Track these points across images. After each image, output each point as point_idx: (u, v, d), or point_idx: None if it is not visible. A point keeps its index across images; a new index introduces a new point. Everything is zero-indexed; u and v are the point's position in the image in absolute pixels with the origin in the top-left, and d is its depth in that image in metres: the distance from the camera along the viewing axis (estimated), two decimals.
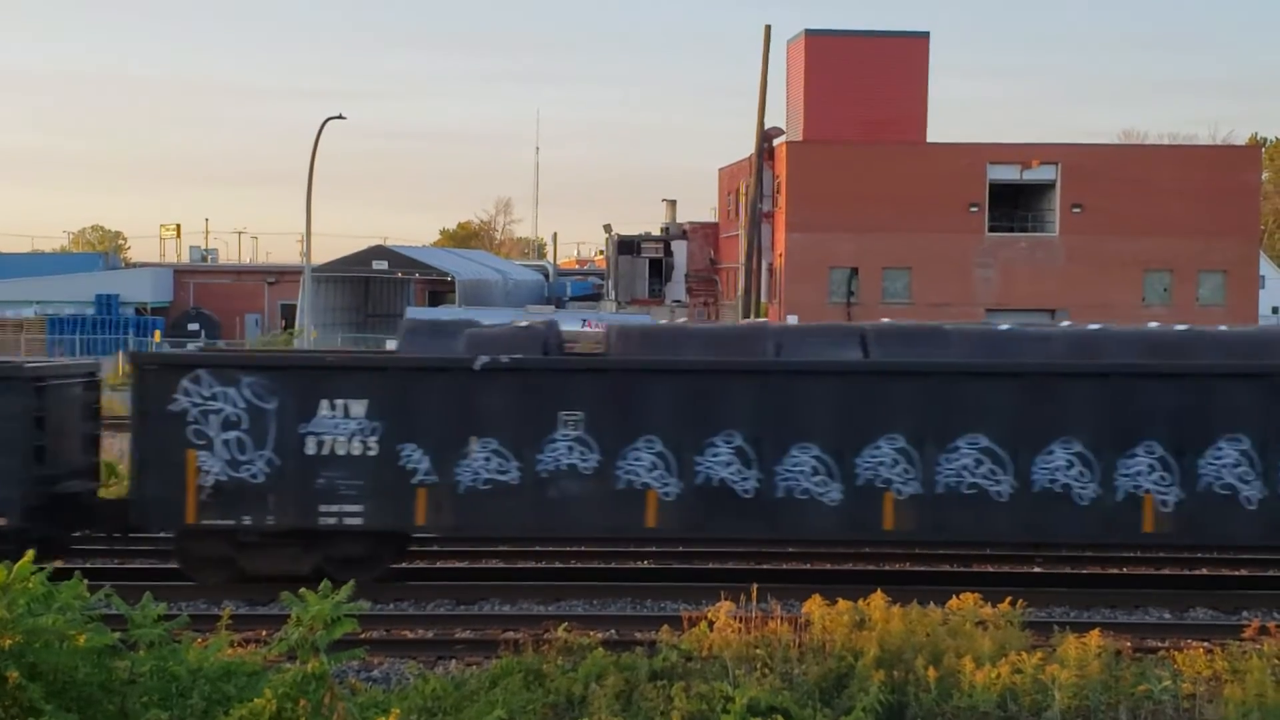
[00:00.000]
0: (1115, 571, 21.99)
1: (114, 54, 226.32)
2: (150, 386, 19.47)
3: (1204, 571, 22.03)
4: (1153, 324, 26.29)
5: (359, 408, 19.21)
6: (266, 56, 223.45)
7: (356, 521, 19.35)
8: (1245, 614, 18.62)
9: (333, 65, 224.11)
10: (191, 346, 63.34)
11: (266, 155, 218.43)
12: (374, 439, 19.23)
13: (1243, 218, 62.16)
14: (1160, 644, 16.72)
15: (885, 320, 24.75)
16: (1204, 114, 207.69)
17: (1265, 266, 79.96)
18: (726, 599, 14.67)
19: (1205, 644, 15.82)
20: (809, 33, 65.12)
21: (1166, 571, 22.00)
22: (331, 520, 19.33)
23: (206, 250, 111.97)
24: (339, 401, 19.23)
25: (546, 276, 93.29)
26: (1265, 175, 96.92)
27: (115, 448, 26.96)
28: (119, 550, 22.39)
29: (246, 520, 19.34)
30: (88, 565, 20.61)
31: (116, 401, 30.69)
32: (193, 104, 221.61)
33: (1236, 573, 21.96)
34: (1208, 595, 20.13)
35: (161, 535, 20.85)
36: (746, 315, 41.75)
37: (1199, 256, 61.26)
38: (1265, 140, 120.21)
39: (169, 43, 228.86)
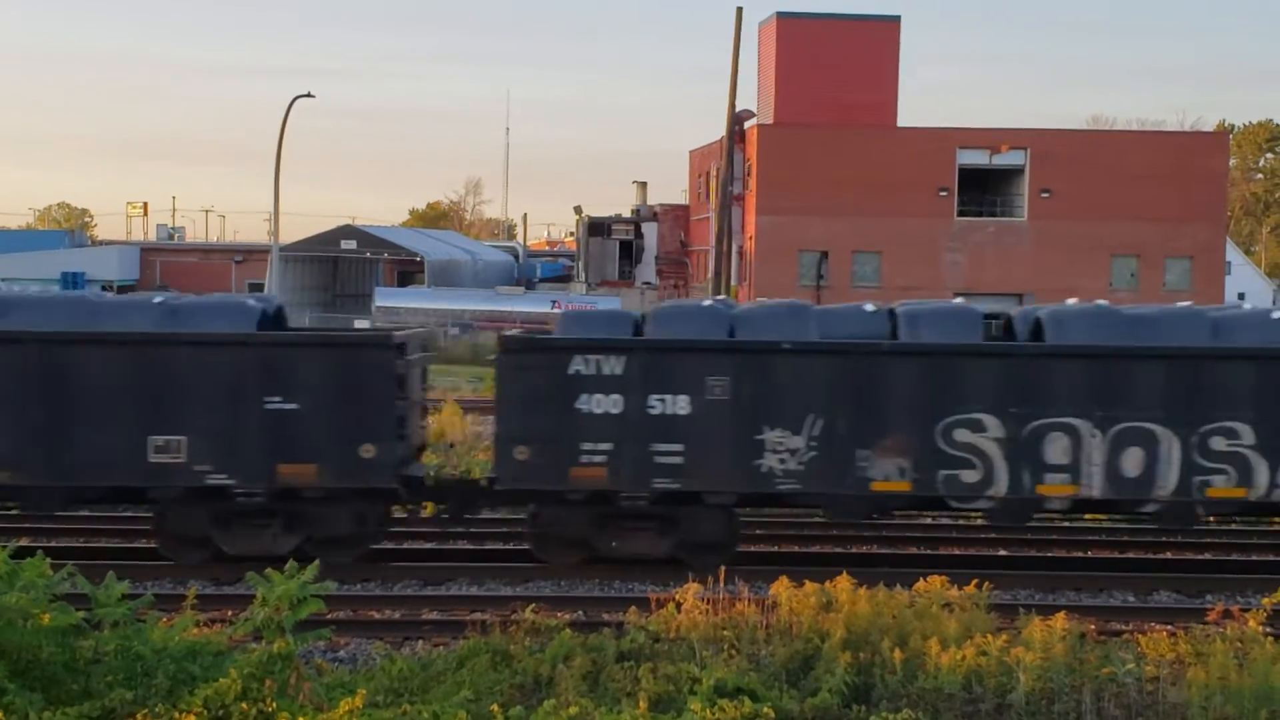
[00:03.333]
0: (1080, 555, 22.11)
1: (82, 31, 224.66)
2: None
3: (1168, 555, 22.17)
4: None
5: None
6: (235, 34, 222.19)
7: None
8: (1209, 597, 18.74)
9: (302, 44, 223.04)
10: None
11: (235, 133, 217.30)
12: None
13: (1210, 204, 62.47)
14: (1124, 627, 16.81)
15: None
16: (1173, 100, 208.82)
17: (1232, 252, 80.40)
18: (694, 581, 14.69)
19: (1169, 627, 15.92)
20: (780, 15, 65.08)
21: (1131, 555, 22.12)
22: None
23: (173, 228, 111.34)
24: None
25: (516, 258, 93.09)
26: (1232, 162, 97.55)
27: None
28: (83, 529, 22.29)
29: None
30: (52, 544, 20.49)
31: None
32: (160, 82, 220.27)
33: (1200, 556, 22.11)
34: (1172, 579, 20.27)
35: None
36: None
37: (1166, 242, 61.56)
38: (1233, 127, 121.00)
39: (137, 19, 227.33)
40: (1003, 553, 21.99)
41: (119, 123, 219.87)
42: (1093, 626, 15.63)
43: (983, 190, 64.20)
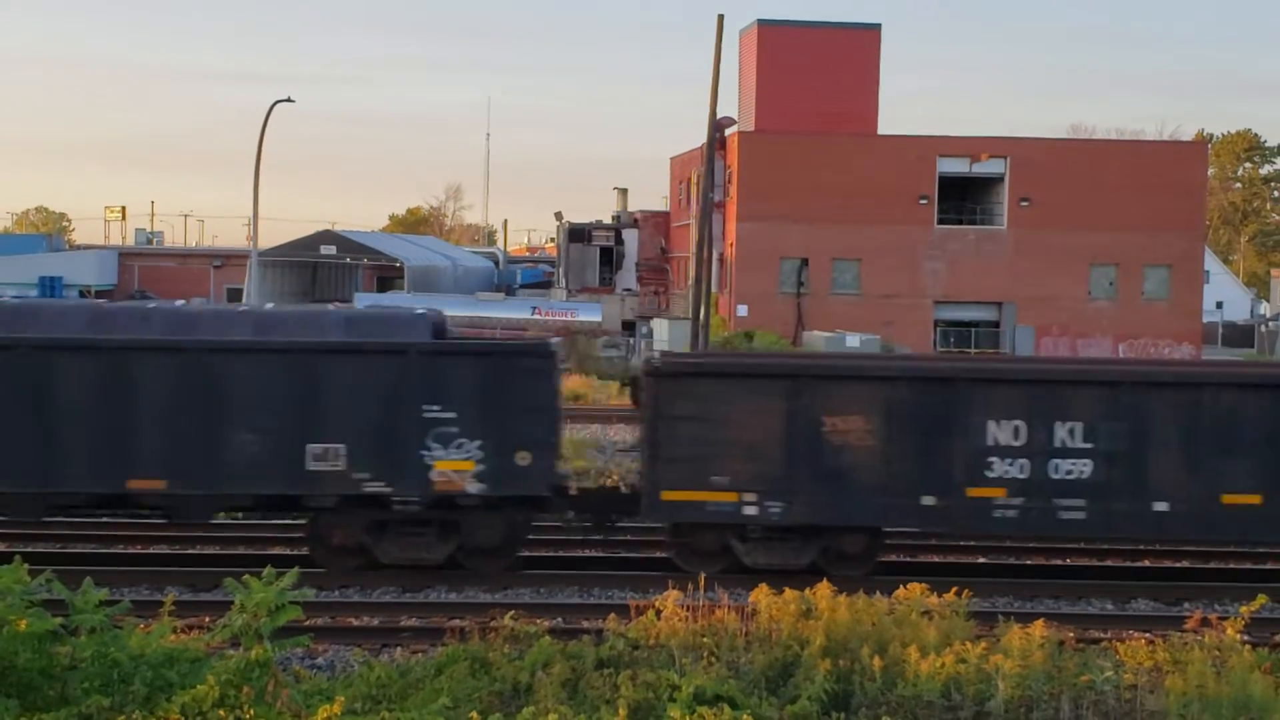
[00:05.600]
0: (1059, 563, 22.15)
1: (60, 35, 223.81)
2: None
3: (1146, 563, 22.23)
4: None
5: None
6: (215, 40, 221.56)
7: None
8: (1187, 605, 18.78)
9: (282, 49, 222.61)
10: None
11: (214, 139, 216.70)
12: None
13: (1189, 213, 62.68)
14: (1103, 635, 16.86)
15: None
16: (1152, 110, 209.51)
17: (1210, 261, 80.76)
18: (674, 588, 14.68)
19: (1147, 635, 15.96)
20: (761, 23, 65.19)
21: (1109, 563, 22.18)
22: None
23: (152, 233, 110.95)
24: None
25: (496, 263, 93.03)
26: (1211, 171, 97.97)
27: None
28: (61, 535, 22.18)
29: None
30: (28, 550, 20.38)
31: None
32: (139, 86, 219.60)
33: (1178, 564, 22.17)
34: (1150, 587, 20.33)
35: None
36: (698, 305, 41.76)
37: (1145, 251, 61.75)
38: (1211, 136, 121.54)
39: (116, 24, 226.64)
40: (982, 560, 22.03)
41: (97, 127, 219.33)
42: (1071, 634, 15.64)
43: (962, 198, 64.35)
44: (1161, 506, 19.20)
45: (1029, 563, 22.00)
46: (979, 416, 19.22)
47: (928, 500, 19.26)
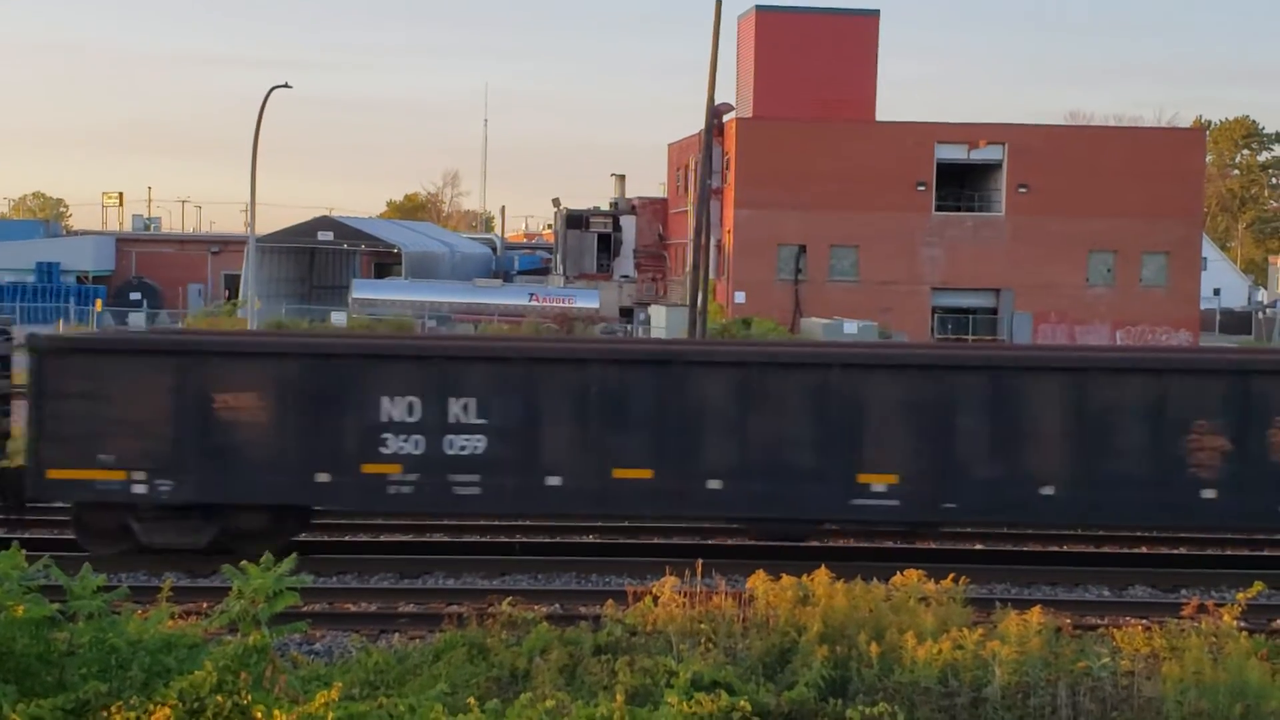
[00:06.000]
0: (1056, 549, 22.18)
1: (57, 21, 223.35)
2: None
3: (1143, 550, 22.25)
4: None
5: None
6: (213, 25, 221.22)
7: None
8: (1184, 592, 18.82)
9: (279, 35, 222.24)
10: (133, 317, 62.70)
11: (211, 124, 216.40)
12: None
13: (1186, 200, 62.66)
14: (1100, 621, 16.87)
15: None
16: (1150, 97, 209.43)
17: (1208, 248, 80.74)
18: (671, 574, 14.69)
19: (1144, 622, 15.97)
20: (759, 9, 65.07)
21: (1106, 550, 22.20)
22: None
23: (149, 219, 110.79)
24: None
25: (494, 250, 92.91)
26: (1209, 158, 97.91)
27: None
28: (59, 520, 22.17)
29: None
30: (26, 536, 20.39)
31: None
32: (137, 72, 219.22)
33: (1175, 551, 22.19)
34: (1147, 573, 20.35)
35: None
36: (695, 292, 41.75)
37: (1143, 238, 61.74)
38: (1209, 123, 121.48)
39: (112, 9, 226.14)
40: (979, 547, 22.05)
41: (95, 112, 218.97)
42: (1068, 621, 15.65)
43: (960, 185, 64.31)
44: (554, 481, 19.31)
45: (1026, 549, 22.02)
46: (373, 393, 19.23)
47: (322, 477, 19.23)
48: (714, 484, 19.40)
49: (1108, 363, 20.72)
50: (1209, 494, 19.46)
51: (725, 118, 63.17)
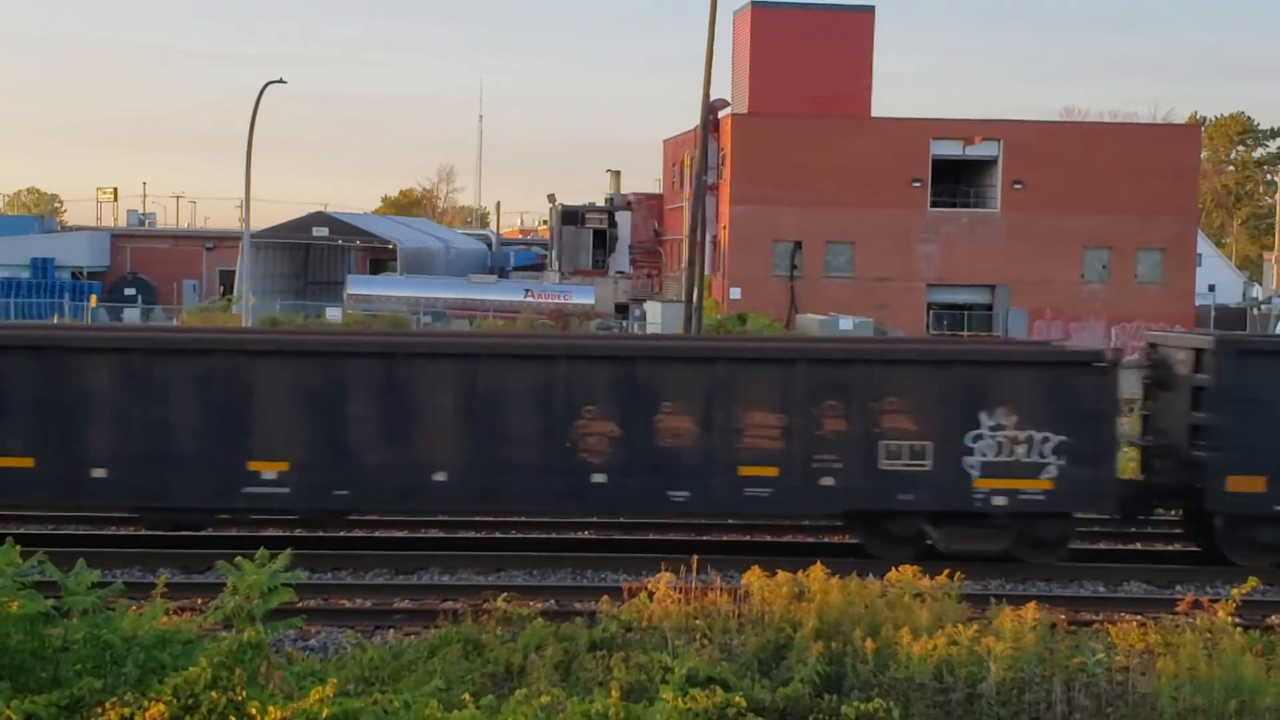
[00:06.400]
0: None
1: (51, 15, 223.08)
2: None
3: (1138, 546, 22.26)
4: None
5: None
6: (207, 20, 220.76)
7: None
8: (1178, 588, 18.84)
9: (275, 30, 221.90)
10: (128, 312, 62.63)
11: (206, 120, 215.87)
12: None
13: (1181, 196, 62.71)
14: (1095, 617, 16.90)
15: None
16: (1145, 93, 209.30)
17: (1203, 245, 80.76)
18: (667, 570, 14.69)
19: (1139, 618, 15.99)
20: (755, 4, 65.06)
21: (1101, 546, 22.21)
22: None
23: (144, 214, 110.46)
24: None
25: (489, 246, 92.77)
26: (1204, 154, 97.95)
27: None
28: (51, 517, 22.16)
29: None
30: (21, 531, 20.37)
31: None
32: (131, 67, 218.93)
33: (1170, 548, 22.21)
34: (1142, 569, 20.36)
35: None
36: (691, 288, 41.74)
37: (1138, 234, 61.77)
38: (1204, 120, 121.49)
39: (110, 5, 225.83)
40: None
41: (89, 108, 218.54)
42: (1063, 617, 15.71)
43: (956, 181, 64.32)
44: None
45: None
46: None
47: None
48: (98, 473, 19.37)
49: (496, 349, 20.61)
50: (599, 479, 19.53)
51: (721, 114, 63.09)
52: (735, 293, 60.51)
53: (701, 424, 19.60)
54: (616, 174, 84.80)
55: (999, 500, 19.76)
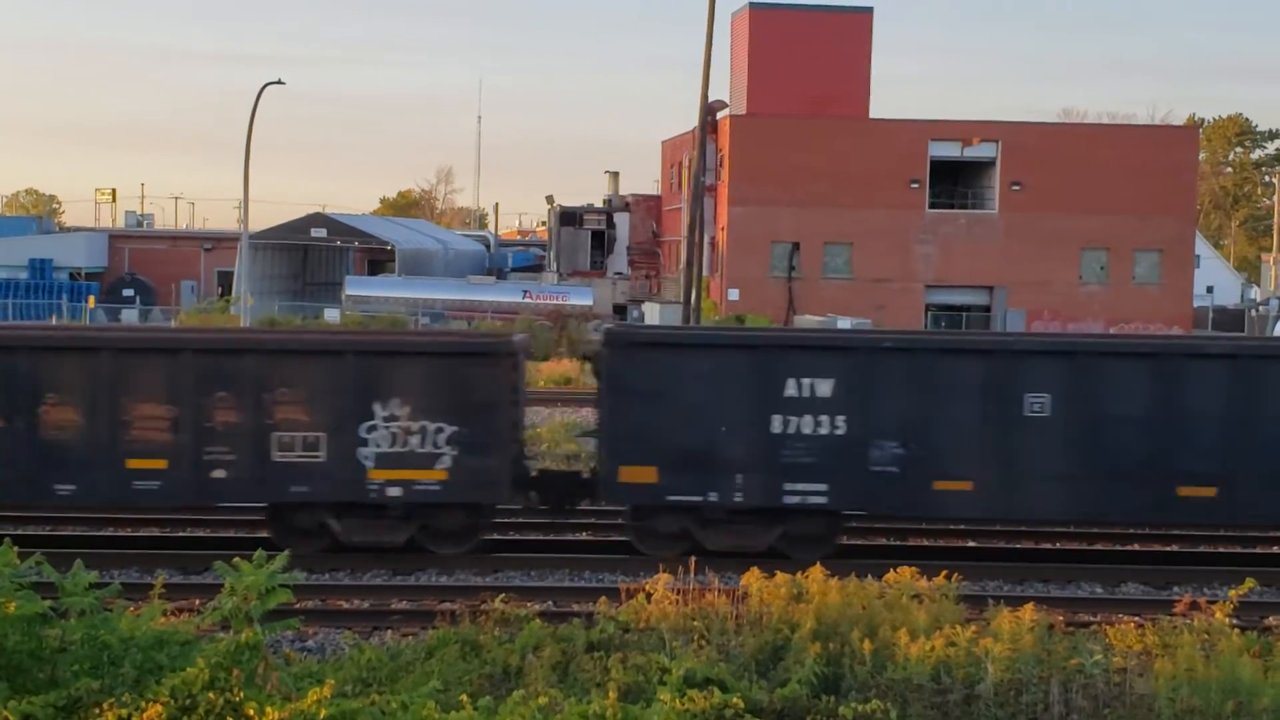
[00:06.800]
0: (1049, 547, 22.20)
1: (49, 17, 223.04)
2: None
3: (1135, 547, 22.27)
4: None
5: None
6: (207, 21, 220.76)
7: None
8: (1176, 589, 18.83)
9: (273, 30, 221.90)
10: (125, 313, 62.58)
11: (204, 121, 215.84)
12: None
13: (1180, 197, 62.78)
14: (1092, 618, 16.89)
15: None
16: (1143, 94, 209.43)
17: (1201, 246, 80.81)
18: (665, 571, 14.68)
19: (1136, 619, 15.99)
20: (753, 6, 65.11)
21: (1099, 547, 22.22)
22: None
23: (142, 215, 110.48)
24: None
25: (488, 247, 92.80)
26: (1202, 155, 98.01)
27: None
28: (48, 518, 22.14)
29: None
30: (17, 532, 20.35)
31: None
32: (129, 68, 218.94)
33: (1168, 549, 22.22)
34: (1139, 571, 20.37)
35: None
36: (689, 289, 41.76)
37: (1136, 235, 61.84)
38: (1202, 121, 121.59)
39: (108, 6, 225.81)
40: (972, 544, 22.06)
41: (87, 109, 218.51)
42: (1061, 618, 15.68)
43: (954, 182, 64.39)
44: None
45: (1019, 546, 22.04)
46: None
47: None
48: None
49: None
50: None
51: (719, 115, 63.19)
52: (733, 294, 60.56)
53: (87, 416, 19.43)
54: (615, 175, 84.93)
55: (394, 491, 19.60)
